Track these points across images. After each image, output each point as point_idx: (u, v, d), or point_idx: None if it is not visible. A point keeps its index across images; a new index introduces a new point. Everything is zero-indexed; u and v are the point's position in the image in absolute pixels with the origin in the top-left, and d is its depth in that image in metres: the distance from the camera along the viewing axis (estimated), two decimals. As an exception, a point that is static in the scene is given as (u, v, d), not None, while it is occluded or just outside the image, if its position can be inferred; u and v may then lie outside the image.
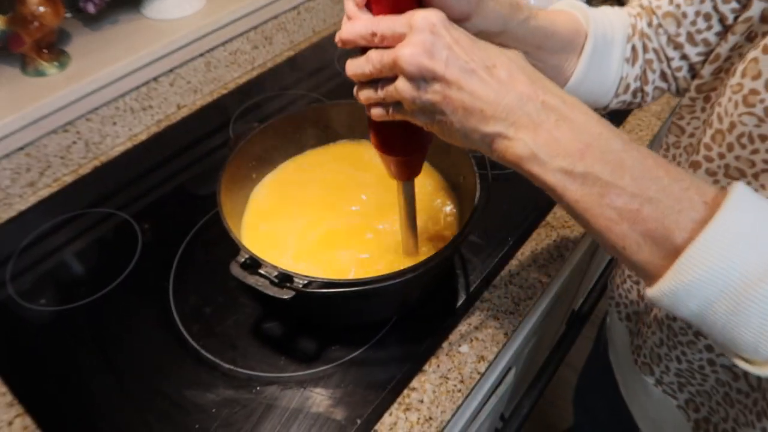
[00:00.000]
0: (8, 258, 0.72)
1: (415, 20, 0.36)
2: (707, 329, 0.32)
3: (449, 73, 0.35)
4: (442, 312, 0.66)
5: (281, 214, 0.70)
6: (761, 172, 0.41)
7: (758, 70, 0.39)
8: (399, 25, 0.36)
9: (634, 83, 0.54)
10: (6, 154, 0.76)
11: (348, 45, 0.40)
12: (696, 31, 0.49)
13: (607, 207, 0.33)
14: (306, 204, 0.71)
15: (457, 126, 0.37)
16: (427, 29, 0.35)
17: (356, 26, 0.38)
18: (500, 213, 0.76)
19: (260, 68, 1.05)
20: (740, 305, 0.30)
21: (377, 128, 0.47)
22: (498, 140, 0.36)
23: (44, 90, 0.78)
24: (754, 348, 0.30)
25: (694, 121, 0.52)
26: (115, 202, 0.79)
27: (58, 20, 0.78)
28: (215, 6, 0.95)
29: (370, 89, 0.40)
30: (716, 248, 0.30)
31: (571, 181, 0.34)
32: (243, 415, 0.57)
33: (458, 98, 0.35)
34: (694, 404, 0.56)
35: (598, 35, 0.50)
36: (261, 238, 0.66)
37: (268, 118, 0.71)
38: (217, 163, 0.64)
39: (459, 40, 0.36)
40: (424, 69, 0.35)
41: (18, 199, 0.80)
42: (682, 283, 0.31)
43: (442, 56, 0.35)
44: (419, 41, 0.35)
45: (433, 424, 0.57)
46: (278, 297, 0.50)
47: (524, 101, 0.35)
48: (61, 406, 0.58)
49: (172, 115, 0.95)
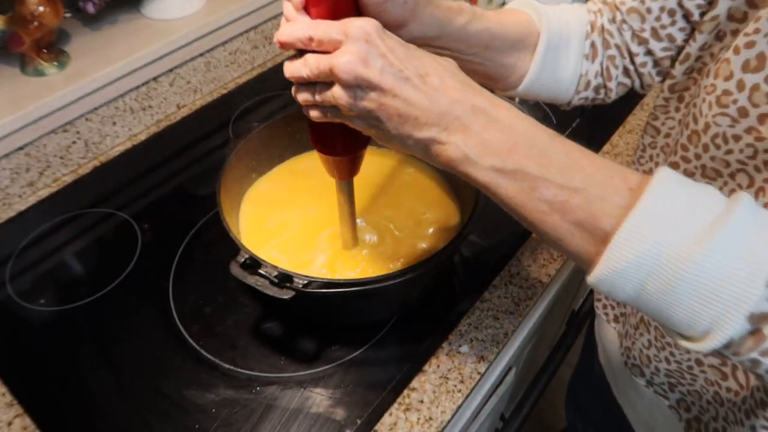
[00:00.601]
0: (8, 258, 0.72)
1: (351, 29, 0.36)
2: (645, 311, 0.33)
3: (384, 81, 0.36)
4: (442, 312, 0.66)
5: (281, 213, 0.70)
6: (736, 172, 0.42)
7: (730, 70, 0.40)
8: (335, 31, 0.37)
9: (595, 79, 0.55)
10: (5, 154, 0.76)
11: (286, 47, 0.40)
12: (660, 26, 0.49)
13: (537, 200, 0.35)
14: (306, 204, 0.71)
15: (393, 132, 0.38)
16: (362, 38, 0.36)
17: (294, 29, 0.39)
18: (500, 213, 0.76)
19: (260, 68, 1.05)
20: (670, 284, 0.30)
21: (315, 129, 0.47)
22: (432, 145, 0.37)
23: (44, 90, 0.78)
24: (687, 325, 0.31)
25: (669, 121, 0.52)
26: (115, 202, 0.79)
27: (57, 20, 0.78)
28: (215, 6, 0.95)
29: (308, 92, 0.41)
30: (642, 231, 0.31)
31: (502, 178, 0.35)
32: (243, 415, 0.57)
33: (393, 106, 0.36)
34: (685, 404, 0.56)
35: (552, 33, 0.51)
36: (261, 238, 0.66)
37: (268, 118, 0.71)
38: (217, 163, 0.64)
39: (393, 49, 0.36)
40: (359, 78, 0.36)
41: (18, 199, 0.80)
42: (615, 268, 0.32)
43: (377, 65, 0.36)
44: (354, 50, 0.36)
45: (433, 424, 0.57)
46: (278, 297, 0.50)
47: (455, 106, 0.36)
48: (60, 407, 0.58)
49: (171, 115, 0.95)
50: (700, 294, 0.30)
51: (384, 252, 0.65)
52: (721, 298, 0.30)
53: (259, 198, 0.71)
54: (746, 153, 0.40)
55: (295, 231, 0.68)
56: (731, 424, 0.49)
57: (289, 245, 0.66)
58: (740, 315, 0.29)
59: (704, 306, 0.30)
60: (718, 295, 0.30)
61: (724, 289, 0.29)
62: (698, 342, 0.32)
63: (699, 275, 0.30)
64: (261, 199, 0.71)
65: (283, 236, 0.67)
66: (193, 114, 0.95)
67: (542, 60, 0.51)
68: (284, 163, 0.75)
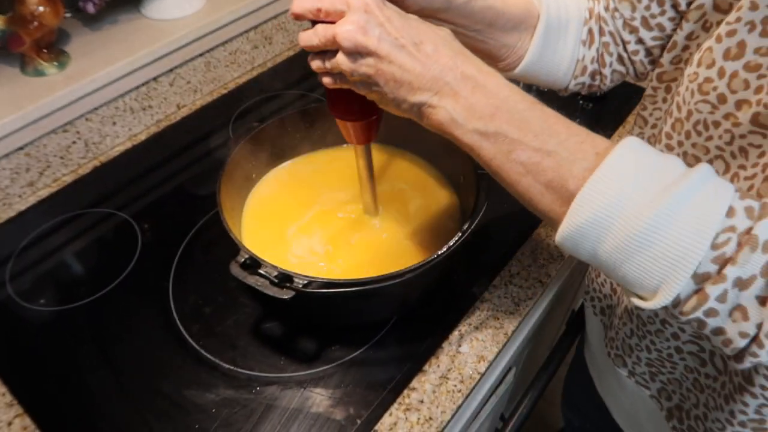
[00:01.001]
0: (8, 258, 0.72)
1: (352, 0, 0.39)
2: (604, 270, 0.35)
3: (381, 48, 0.39)
4: (442, 312, 0.66)
5: (281, 213, 0.70)
6: (714, 158, 0.43)
7: (712, 58, 0.41)
8: (339, 2, 0.40)
9: (591, 65, 0.56)
10: (5, 154, 0.76)
11: (299, 18, 0.43)
12: (650, 15, 0.51)
13: (514, 162, 0.37)
14: (306, 204, 0.71)
15: (390, 96, 0.41)
16: (362, 8, 0.39)
17: (304, 1, 0.42)
18: (500, 213, 0.76)
19: (260, 68, 1.05)
20: (623, 242, 0.32)
21: (332, 95, 0.51)
22: (424, 108, 0.40)
23: (44, 90, 0.78)
24: (639, 283, 0.33)
25: (656, 112, 0.53)
26: (115, 202, 0.79)
27: (57, 20, 0.78)
28: (215, 6, 0.95)
29: (319, 59, 0.44)
30: (600, 191, 0.33)
31: (484, 141, 0.38)
32: (243, 415, 0.57)
33: (389, 71, 0.39)
34: (666, 393, 0.57)
35: (551, 16, 0.53)
36: (261, 238, 0.66)
37: (268, 118, 0.71)
38: (216, 163, 0.64)
39: (391, 18, 0.39)
40: (358, 45, 0.39)
41: (18, 199, 0.80)
42: (576, 226, 0.34)
43: (374, 33, 0.39)
44: (354, 20, 0.39)
45: (433, 425, 0.57)
46: (278, 297, 0.50)
47: (446, 72, 0.39)
48: (60, 407, 0.58)
49: (171, 115, 0.95)
50: (650, 252, 0.32)
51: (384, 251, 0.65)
52: (668, 257, 0.31)
53: (259, 197, 0.71)
54: (724, 139, 0.42)
55: (295, 230, 0.68)
56: (711, 410, 0.50)
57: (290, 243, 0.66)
58: (686, 274, 0.31)
59: (654, 264, 0.32)
60: (666, 254, 0.31)
61: (672, 248, 0.31)
62: (649, 301, 0.33)
63: (650, 233, 0.31)
64: (261, 199, 0.71)
65: (283, 235, 0.67)
66: (193, 114, 0.95)
67: (541, 42, 0.53)
68: (284, 163, 0.75)
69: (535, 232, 0.75)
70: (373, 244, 0.66)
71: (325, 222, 0.69)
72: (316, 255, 0.66)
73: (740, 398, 0.45)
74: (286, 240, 0.67)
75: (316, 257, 0.65)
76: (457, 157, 0.67)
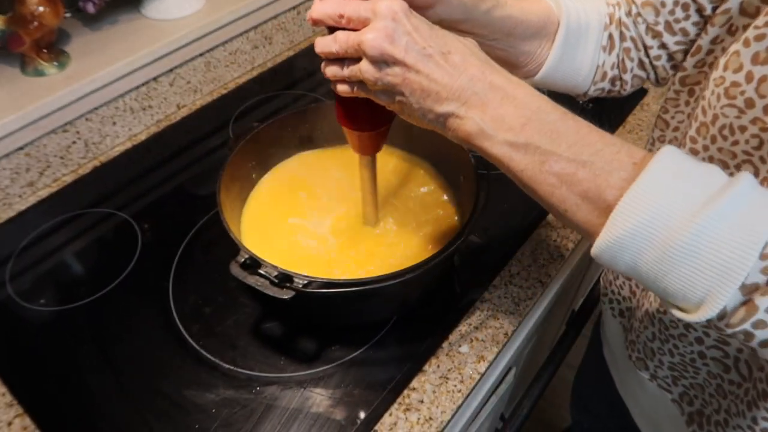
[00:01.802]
0: (8, 258, 0.72)
1: (379, 7, 0.39)
2: (644, 282, 0.34)
3: (408, 57, 0.38)
4: (442, 312, 0.66)
5: (281, 213, 0.70)
6: (742, 162, 0.42)
7: (740, 63, 0.40)
8: (364, 9, 0.39)
9: (612, 71, 0.56)
10: (5, 154, 0.76)
11: (318, 24, 0.42)
12: (674, 20, 0.50)
13: (547, 173, 0.36)
14: (306, 204, 0.71)
15: (415, 106, 0.40)
16: (390, 16, 0.38)
17: (325, 7, 0.41)
18: (500, 213, 0.76)
19: (260, 68, 1.05)
20: (665, 253, 0.31)
21: (343, 104, 0.50)
22: (451, 119, 0.39)
23: (44, 90, 0.78)
24: (682, 295, 0.32)
25: (679, 115, 0.53)
26: (115, 202, 0.79)
27: (57, 20, 0.78)
28: (215, 6, 0.95)
29: (337, 66, 0.43)
30: (641, 202, 0.32)
31: (515, 152, 0.37)
32: (243, 415, 0.57)
33: (416, 81, 0.39)
34: (688, 397, 0.57)
35: (571, 23, 0.52)
36: (261, 238, 0.66)
37: (268, 118, 0.71)
38: (216, 163, 0.64)
39: (418, 27, 0.39)
40: (385, 53, 0.38)
41: (18, 199, 0.80)
42: (615, 238, 0.33)
43: (402, 42, 0.38)
44: (382, 27, 0.38)
45: (433, 425, 0.57)
46: (278, 297, 0.50)
47: (474, 82, 0.38)
48: (60, 407, 0.58)
49: (171, 115, 0.95)
50: (694, 264, 0.31)
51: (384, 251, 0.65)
52: (715, 268, 0.30)
53: (259, 197, 0.71)
54: (752, 144, 0.41)
55: (295, 230, 0.68)
56: (733, 416, 0.49)
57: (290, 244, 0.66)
58: (733, 285, 0.30)
59: (698, 275, 0.31)
60: (712, 265, 0.30)
61: (718, 260, 0.30)
62: (693, 313, 0.32)
63: (694, 245, 0.30)
64: (261, 199, 0.71)
65: (283, 235, 0.67)
66: (193, 114, 0.95)
67: (561, 48, 0.52)
68: (284, 163, 0.75)
69: (535, 232, 0.75)
70: (373, 244, 0.66)
71: (325, 222, 0.69)
72: (316, 255, 0.66)
73: (764, 405, 0.44)
74: (286, 240, 0.67)
75: (316, 257, 0.65)
76: (457, 157, 0.67)
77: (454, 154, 0.68)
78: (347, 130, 0.53)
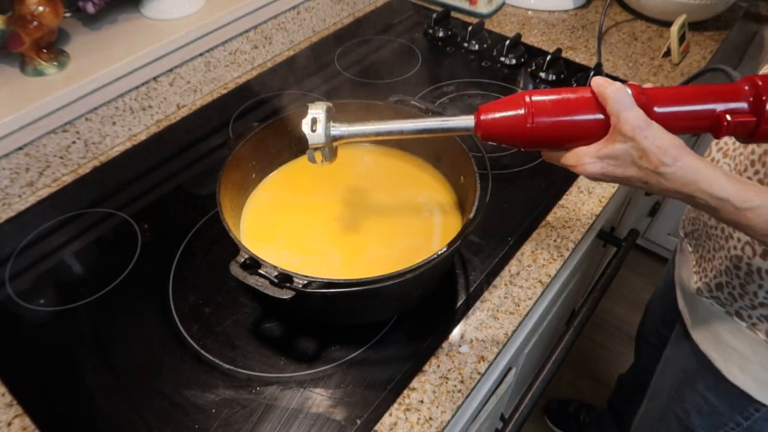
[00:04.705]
0: (7, 258, 0.72)
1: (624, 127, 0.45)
2: None
3: (637, 179, 0.46)
4: (442, 312, 0.66)
5: (281, 214, 0.70)
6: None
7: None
8: (616, 109, 0.46)
9: None
10: (5, 154, 0.76)
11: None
12: None
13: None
14: (305, 204, 0.71)
15: (656, 190, 0.46)
16: (631, 136, 0.45)
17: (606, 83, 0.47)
18: (500, 213, 0.76)
19: (260, 68, 1.05)
20: None
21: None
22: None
23: (43, 90, 0.78)
24: None
25: None
26: (115, 202, 0.79)
27: (57, 20, 0.78)
28: (215, 6, 0.95)
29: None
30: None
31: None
32: (243, 415, 0.57)
33: (656, 181, 0.45)
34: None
35: None
36: (261, 238, 0.66)
37: (268, 118, 0.71)
38: (216, 163, 0.64)
39: (648, 148, 0.44)
40: (615, 178, 0.47)
41: (17, 199, 0.80)
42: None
43: (627, 173, 0.46)
44: (619, 152, 0.45)
45: (433, 425, 0.57)
46: (278, 297, 0.50)
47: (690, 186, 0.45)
48: (60, 407, 0.58)
49: (171, 115, 0.95)
50: None
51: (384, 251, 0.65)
52: None
53: (259, 197, 0.71)
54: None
55: (295, 229, 0.68)
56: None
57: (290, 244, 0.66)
58: None
59: None
60: None
61: None
62: None
63: None
64: (261, 199, 0.71)
65: (283, 235, 0.67)
66: (193, 114, 0.95)
67: None
68: (284, 163, 0.75)
69: (535, 232, 0.75)
70: (373, 244, 0.66)
71: (325, 222, 0.69)
72: (317, 255, 0.66)
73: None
74: (286, 240, 0.67)
75: (317, 257, 0.65)
76: (457, 157, 0.67)
77: (454, 155, 0.68)
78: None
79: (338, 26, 1.16)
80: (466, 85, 0.99)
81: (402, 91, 0.79)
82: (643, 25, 1.15)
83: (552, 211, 0.78)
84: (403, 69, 1.03)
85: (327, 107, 0.54)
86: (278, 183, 0.73)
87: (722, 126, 0.45)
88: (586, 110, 0.47)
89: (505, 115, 0.48)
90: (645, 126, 0.44)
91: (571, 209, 0.78)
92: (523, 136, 0.48)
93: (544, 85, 0.99)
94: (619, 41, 1.11)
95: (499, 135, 0.49)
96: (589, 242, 0.91)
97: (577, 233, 0.75)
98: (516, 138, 0.49)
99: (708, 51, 1.07)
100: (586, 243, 0.89)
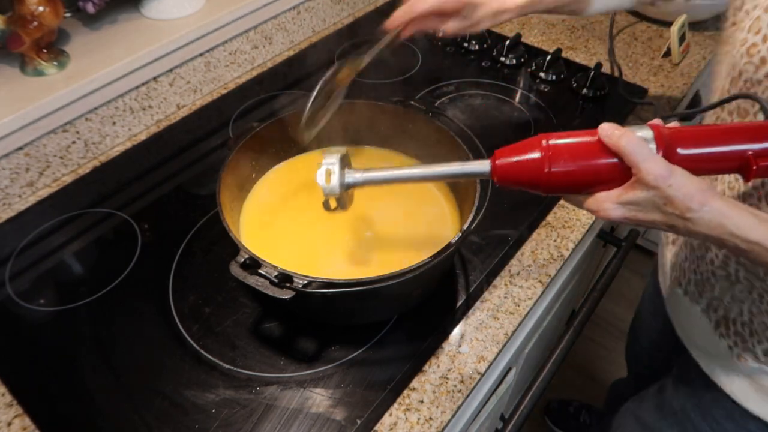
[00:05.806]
0: (7, 258, 0.72)
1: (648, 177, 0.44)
2: None
3: (663, 223, 0.45)
4: (442, 312, 0.66)
5: (281, 214, 0.70)
6: (758, 110, 0.52)
7: (759, 26, 0.50)
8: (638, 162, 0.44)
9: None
10: (5, 154, 0.76)
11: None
12: None
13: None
14: (305, 204, 0.71)
15: (683, 233, 0.46)
16: (654, 185, 0.44)
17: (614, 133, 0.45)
18: (500, 213, 0.76)
19: (260, 68, 1.05)
20: None
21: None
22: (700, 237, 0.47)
23: (43, 90, 0.78)
24: None
25: (717, 66, 0.62)
26: (115, 202, 0.79)
27: (57, 20, 0.78)
28: (215, 6, 0.95)
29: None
30: None
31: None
32: (243, 415, 0.57)
33: (682, 225, 0.45)
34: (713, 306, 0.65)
35: None
36: (261, 238, 0.66)
37: (268, 118, 0.71)
38: (216, 163, 0.64)
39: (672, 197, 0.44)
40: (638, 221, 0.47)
41: (17, 199, 0.80)
42: None
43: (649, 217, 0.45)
44: (641, 200, 0.45)
45: (433, 425, 0.57)
46: (278, 297, 0.50)
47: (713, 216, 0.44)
48: (60, 407, 0.58)
49: (171, 115, 0.95)
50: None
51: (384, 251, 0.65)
52: None
53: (259, 197, 0.71)
54: (766, 95, 0.50)
55: (295, 229, 0.68)
56: (756, 315, 0.59)
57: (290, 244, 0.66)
58: None
59: None
60: None
61: None
62: None
63: None
64: (261, 199, 0.71)
65: (283, 235, 0.67)
66: (193, 114, 0.95)
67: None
68: (284, 163, 0.75)
69: (535, 232, 0.75)
70: (373, 244, 0.66)
71: (325, 222, 0.69)
72: (317, 254, 0.66)
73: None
74: (286, 239, 0.67)
75: (316, 256, 0.65)
76: (456, 158, 0.67)
77: (452, 155, 0.68)
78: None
79: (338, 26, 1.16)
80: (466, 85, 0.99)
81: (402, 90, 0.79)
82: (643, 25, 1.15)
83: (552, 211, 0.78)
84: (404, 69, 1.03)
85: (341, 155, 0.53)
86: (278, 183, 0.73)
87: (751, 169, 0.43)
88: (608, 154, 0.45)
89: (521, 159, 0.46)
90: (668, 175, 0.42)
91: (571, 209, 0.78)
92: (540, 181, 0.46)
93: (544, 85, 0.99)
94: (619, 41, 1.11)
95: (516, 180, 0.47)
96: (589, 242, 0.91)
97: (577, 233, 0.75)
98: (533, 183, 0.46)
99: (708, 51, 1.07)
100: (586, 243, 0.89)
